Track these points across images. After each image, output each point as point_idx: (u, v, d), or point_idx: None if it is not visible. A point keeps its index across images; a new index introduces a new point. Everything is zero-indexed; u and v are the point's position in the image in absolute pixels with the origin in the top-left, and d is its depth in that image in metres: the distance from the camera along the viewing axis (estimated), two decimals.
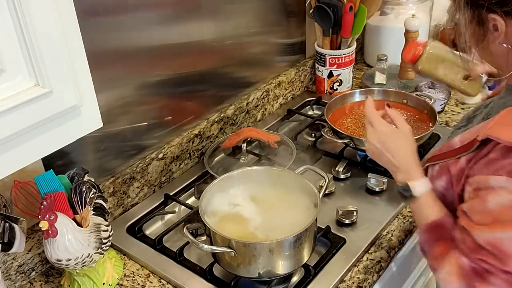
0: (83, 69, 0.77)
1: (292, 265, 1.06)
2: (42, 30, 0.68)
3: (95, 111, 0.81)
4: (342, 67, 1.77)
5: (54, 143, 0.77)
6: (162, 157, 1.39)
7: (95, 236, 1.06)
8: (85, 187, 1.07)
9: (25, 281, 1.17)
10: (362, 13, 1.67)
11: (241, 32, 1.56)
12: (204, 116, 1.52)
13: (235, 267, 1.05)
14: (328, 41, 1.74)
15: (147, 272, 1.18)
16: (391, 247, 1.20)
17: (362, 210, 1.27)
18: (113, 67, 1.23)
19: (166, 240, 1.24)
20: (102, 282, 1.12)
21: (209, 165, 1.42)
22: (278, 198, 1.16)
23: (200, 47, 1.43)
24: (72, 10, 0.73)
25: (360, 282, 1.11)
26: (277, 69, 1.76)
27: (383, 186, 1.33)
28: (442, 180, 0.99)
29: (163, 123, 1.40)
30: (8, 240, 0.98)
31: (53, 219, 0.97)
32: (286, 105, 1.77)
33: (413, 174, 1.04)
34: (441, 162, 0.99)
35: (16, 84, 0.69)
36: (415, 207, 1.03)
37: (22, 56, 0.68)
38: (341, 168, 1.41)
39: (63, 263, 1.01)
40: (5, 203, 1.04)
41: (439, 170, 1.00)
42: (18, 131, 0.70)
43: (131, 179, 1.32)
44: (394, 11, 1.90)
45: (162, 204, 1.35)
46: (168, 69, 1.36)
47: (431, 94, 1.59)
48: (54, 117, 0.74)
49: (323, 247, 1.18)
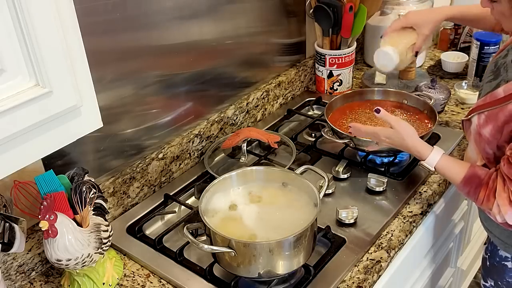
0: (83, 69, 0.77)
1: (292, 265, 1.06)
2: (42, 30, 0.68)
3: (95, 111, 0.81)
4: (342, 67, 1.77)
5: (54, 143, 0.77)
6: (162, 157, 1.39)
7: (95, 236, 1.06)
8: (85, 187, 1.07)
9: (25, 281, 1.17)
10: (362, 13, 1.67)
11: (241, 32, 1.56)
12: (204, 116, 1.52)
13: (235, 267, 1.05)
14: (328, 41, 1.74)
15: (147, 272, 1.18)
16: (391, 247, 1.20)
17: (362, 210, 1.27)
18: (113, 67, 1.23)
19: (166, 240, 1.24)
20: (102, 282, 1.12)
21: (209, 165, 1.42)
22: (278, 198, 1.16)
23: (200, 47, 1.43)
24: (72, 10, 0.73)
25: (360, 282, 1.11)
26: (277, 69, 1.76)
27: (383, 186, 1.33)
28: (489, 127, 1.10)
29: (163, 123, 1.40)
30: (8, 240, 0.98)
31: (53, 219, 0.97)
32: (286, 105, 1.77)
33: (423, 153, 1.19)
34: (488, 111, 1.10)
35: (16, 84, 0.69)
36: (442, 174, 1.21)
37: (22, 56, 0.68)
38: (341, 168, 1.41)
39: (63, 263, 1.01)
40: (5, 203, 1.04)
41: (486, 119, 1.10)
42: (18, 131, 0.70)
43: (131, 179, 1.32)
44: (394, 11, 1.90)
45: (162, 204, 1.35)
46: (168, 69, 1.37)
47: (431, 94, 1.60)
48: (54, 117, 0.74)
49: (323, 247, 1.18)
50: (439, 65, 1.96)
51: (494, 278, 1.34)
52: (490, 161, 1.15)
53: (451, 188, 1.49)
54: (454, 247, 1.75)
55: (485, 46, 1.75)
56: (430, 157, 1.18)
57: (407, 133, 1.21)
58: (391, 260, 1.20)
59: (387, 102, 1.56)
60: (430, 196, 1.34)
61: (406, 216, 1.28)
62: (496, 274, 1.32)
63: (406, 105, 1.53)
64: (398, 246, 1.21)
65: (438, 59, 1.99)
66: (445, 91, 1.66)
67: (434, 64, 2.00)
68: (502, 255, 1.28)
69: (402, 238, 1.23)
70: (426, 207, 1.31)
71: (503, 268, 1.29)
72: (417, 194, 1.35)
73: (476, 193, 1.11)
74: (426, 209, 1.31)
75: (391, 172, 1.40)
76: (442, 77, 1.90)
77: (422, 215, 1.29)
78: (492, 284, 1.35)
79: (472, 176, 1.12)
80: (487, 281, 1.37)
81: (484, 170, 1.12)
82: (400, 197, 1.32)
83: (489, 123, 1.10)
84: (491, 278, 1.35)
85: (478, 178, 1.11)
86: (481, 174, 1.11)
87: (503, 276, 1.30)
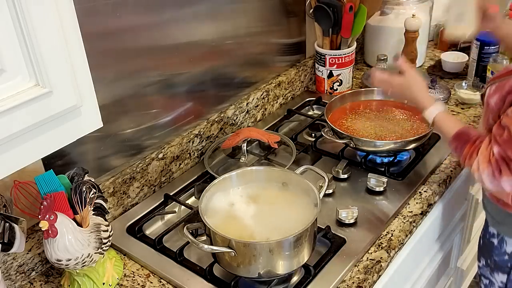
0: (83, 69, 0.77)
1: (292, 265, 1.06)
2: (42, 30, 0.68)
3: (95, 111, 0.81)
4: (342, 67, 1.77)
5: (54, 143, 0.77)
6: (162, 157, 1.39)
7: (95, 236, 1.06)
8: (85, 187, 1.07)
9: (25, 281, 1.17)
10: (362, 13, 1.67)
11: (241, 32, 1.56)
12: (204, 116, 1.52)
13: (235, 267, 1.05)
14: (328, 41, 1.74)
15: (147, 272, 1.18)
16: (391, 247, 1.20)
17: (362, 210, 1.27)
18: (113, 67, 1.23)
19: (166, 240, 1.24)
20: (102, 282, 1.12)
21: (209, 165, 1.42)
22: (278, 198, 1.16)
23: (200, 47, 1.43)
24: (72, 10, 0.73)
25: (360, 282, 1.11)
26: (277, 69, 1.76)
27: (383, 186, 1.33)
28: (495, 97, 1.14)
29: (163, 123, 1.40)
30: (8, 240, 0.98)
31: (53, 219, 0.97)
32: (286, 105, 1.77)
33: (425, 104, 1.24)
34: (499, 81, 1.14)
35: (16, 84, 0.69)
36: (437, 127, 1.24)
37: (22, 56, 0.68)
38: (341, 168, 1.40)
39: (63, 263, 1.01)
40: (5, 203, 1.04)
41: (495, 89, 1.15)
42: (18, 131, 0.70)
43: (131, 179, 1.32)
44: (394, 11, 1.90)
45: (162, 204, 1.35)
46: (168, 69, 1.37)
47: (431, 94, 1.59)
48: (54, 117, 0.74)
49: (323, 247, 1.18)
50: (439, 65, 1.96)
51: (485, 257, 1.37)
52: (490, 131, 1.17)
53: (451, 188, 1.49)
54: (454, 247, 1.75)
55: (485, 46, 1.75)
56: (431, 110, 1.23)
57: (416, 81, 1.26)
58: (391, 260, 1.20)
59: (387, 102, 1.56)
60: (430, 196, 1.34)
61: (406, 216, 1.28)
62: (486, 253, 1.36)
63: (406, 105, 1.53)
64: (398, 246, 1.21)
65: (438, 59, 1.99)
66: (445, 91, 1.66)
67: (434, 64, 2.00)
68: (491, 232, 1.32)
69: (402, 238, 1.23)
70: (426, 207, 1.31)
71: (491, 246, 1.33)
72: (417, 194, 1.35)
73: (462, 149, 1.16)
74: (426, 209, 1.31)
75: (391, 172, 1.40)
76: (442, 77, 1.90)
77: (422, 215, 1.29)
78: (483, 264, 1.39)
79: (463, 133, 1.17)
80: (480, 260, 1.41)
81: (476, 131, 1.18)
82: (400, 197, 1.32)
83: (496, 93, 1.14)
84: (483, 257, 1.39)
85: (467, 136, 1.16)
86: (472, 133, 1.16)
87: (491, 254, 1.34)
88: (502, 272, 1.32)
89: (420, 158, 1.45)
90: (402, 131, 1.44)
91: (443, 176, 1.40)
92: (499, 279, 1.34)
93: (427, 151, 1.47)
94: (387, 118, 1.50)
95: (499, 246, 1.30)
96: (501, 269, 1.32)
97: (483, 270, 1.40)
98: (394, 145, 1.37)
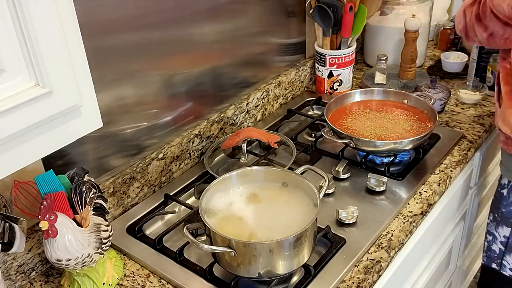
0: (83, 69, 0.77)
1: (292, 265, 1.06)
2: (42, 30, 0.68)
3: (95, 111, 0.81)
4: (342, 67, 1.77)
5: (54, 143, 0.77)
6: (162, 157, 1.39)
7: (95, 236, 1.06)
8: (85, 187, 1.07)
9: (25, 281, 1.17)
10: (362, 13, 1.68)
11: (241, 32, 1.56)
12: (204, 116, 1.52)
13: (235, 267, 1.05)
14: (328, 41, 1.74)
15: (147, 272, 1.18)
16: (391, 247, 1.20)
17: (362, 210, 1.27)
18: (113, 67, 1.23)
19: (166, 240, 1.24)
20: (102, 282, 1.12)
21: (209, 165, 1.42)
22: (278, 198, 1.16)
23: (200, 47, 1.43)
24: (72, 10, 0.73)
25: (360, 282, 1.11)
26: (277, 69, 1.76)
27: (383, 186, 1.33)
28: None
29: (163, 123, 1.40)
30: (8, 240, 0.98)
31: (53, 219, 0.97)
32: (286, 105, 1.77)
33: None
34: None
35: (16, 84, 0.69)
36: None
37: (22, 56, 0.68)
38: (341, 168, 1.40)
39: (63, 263, 1.01)
40: (5, 203, 1.04)
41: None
42: (18, 131, 0.70)
43: (131, 179, 1.32)
44: (394, 11, 1.90)
45: (162, 204, 1.35)
46: (168, 69, 1.37)
47: (431, 94, 1.60)
48: (54, 117, 0.74)
49: (323, 247, 1.18)
50: (439, 65, 1.96)
51: (494, 211, 1.41)
52: None
53: (451, 188, 1.49)
54: (454, 247, 1.75)
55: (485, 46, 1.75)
56: None
57: None
58: (391, 260, 1.20)
59: (387, 102, 1.56)
60: (430, 196, 1.34)
61: (406, 216, 1.28)
62: (495, 207, 1.39)
63: (406, 105, 1.53)
64: (398, 246, 1.21)
65: (438, 59, 1.99)
66: (445, 91, 1.66)
67: (434, 64, 2.00)
68: (502, 183, 1.36)
69: (402, 238, 1.23)
70: (426, 207, 1.31)
71: (501, 197, 1.35)
72: (417, 194, 1.35)
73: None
74: (426, 209, 1.31)
75: (391, 172, 1.40)
76: (442, 77, 1.90)
77: (422, 215, 1.29)
78: (491, 219, 1.42)
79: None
80: (489, 216, 1.44)
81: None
82: (400, 197, 1.32)
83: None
84: (491, 212, 1.42)
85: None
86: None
87: (499, 206, 1.36)
88: (506, 225, 1.34)
89: (420, 158, 1.45)
90: (402, 131, 1.44)
91: (443, 176, 1.40)
92: (502, 233, 1.36)
93: (427, 151, 1.47)
94: (387, 118, 1.50)
95: (508, 196, 1.33)
96: (506, 221, 1.34)
97: (489, 226, 1.42)
98: (394, 145, 1.37)
